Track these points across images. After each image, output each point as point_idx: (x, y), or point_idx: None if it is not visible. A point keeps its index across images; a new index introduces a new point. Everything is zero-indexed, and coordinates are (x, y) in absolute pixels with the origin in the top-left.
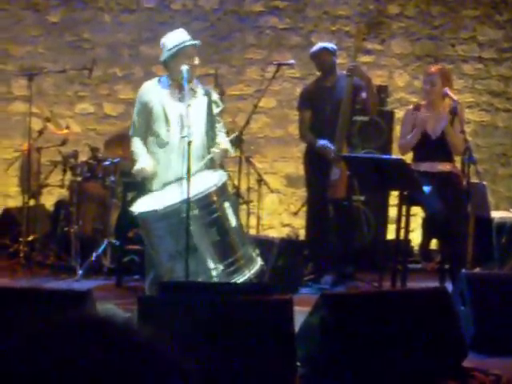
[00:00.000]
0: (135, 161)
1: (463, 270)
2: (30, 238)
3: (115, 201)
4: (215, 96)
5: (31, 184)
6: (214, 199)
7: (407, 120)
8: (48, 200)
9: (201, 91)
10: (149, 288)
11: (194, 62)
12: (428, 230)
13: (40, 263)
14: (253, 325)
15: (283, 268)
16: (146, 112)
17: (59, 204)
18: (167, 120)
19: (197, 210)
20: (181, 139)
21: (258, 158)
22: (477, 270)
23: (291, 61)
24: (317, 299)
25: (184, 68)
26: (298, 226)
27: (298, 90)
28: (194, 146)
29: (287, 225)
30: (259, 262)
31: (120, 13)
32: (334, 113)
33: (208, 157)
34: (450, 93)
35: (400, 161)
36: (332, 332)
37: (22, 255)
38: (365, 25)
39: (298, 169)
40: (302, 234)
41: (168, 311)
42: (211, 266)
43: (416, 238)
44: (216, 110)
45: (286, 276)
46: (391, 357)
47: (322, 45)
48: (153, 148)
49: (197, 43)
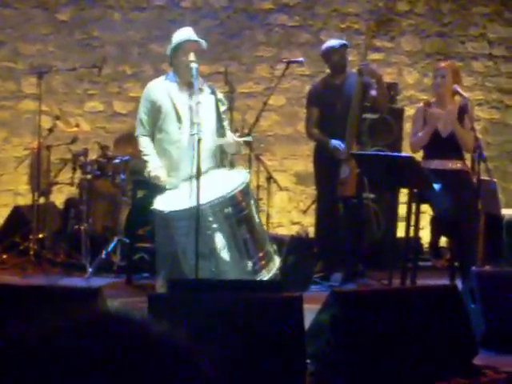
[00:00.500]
0: (146, 162)
1: (473, 268)
2: (40, 236)
3: (125, 199)
4: (220, 95)
5: (41, 182)
6: (242, 197)
7: (418, 117)
8: (58, 198)
9: (207, 89)
10: (160, 286)
11: (190, 58)
12: (437, 228)
13: (50, 261)
14: (262, 322)
15: (293, 266)
16: (155, 110)
17: (69, 202)
18: (179, 117)
19: (229, 209)
20: (190, 136)
21: (268, 156)
22: (487, 268)
23: (300, 58)
24: (326, 297)
25: (193, 66)
26: (308, 224)
27: (308, 88)
28: (205, 144)
29: (297, 223)
30: (278, 260)
31: (130, 11)
32: (344, 110)
33: (217, 153)
34: (460, 90)
35: (410, 158)
36: (342, 329)
37: (32, 253)
38: (374, 22)
39: (308, 166)
40: (312, 232)
41: (178, 309)
42: (239, 265)
43: (426, 236)
44: (222, 108)
45: (296, 274)
46: (401, 354)
47: (333, 42)
48: (164, 145)
49: (194, 39)
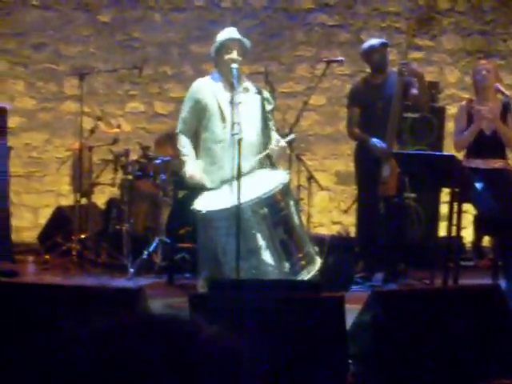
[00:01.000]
0: (183, 162)
1: None
2: (82, 237)
3: (166, 199)
4: (266, 94)
5: (83, 183)
6: (280, 198)
7: (462, 115)
8: (99, 198)
9: (253, 89)
10: (202, 286)
11: (232, 57)
12: (480, 227)
13: (92, 261)
14: (304, 323)
15: (334, 266)
16: (199, 109)
17: (111, 202)
18: (223, 117)
19: (265, 209)
20: (232, 136)
21: (308, 156)
22: None
23: (340, 58)
24: (368, 297)
25: (234, 66)
26: (348, 224)
27: (348, 87)
28: (249, 144)
29: (337, 222)
30: (319, 261)
31: (170, 11)
32: (385, 110)
33: (264, 153)
34: (502, 88)
35: (452, 157)
36: (384, 330)
37: (74, 253)
38: (415, 21)
39: (348, 166)
40: (353, 232)
41: (219, 309)
42: (277, 266)
43: (468, 235)
44: (268, 108)
45: (337, 274)
46: (444, 355)
47: (373, 41)
48: (208, 144)
49: (239, 39)
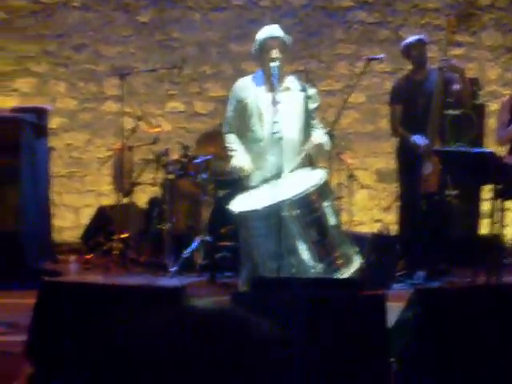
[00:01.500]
0: (231, 157)
1: None
2: (124, 236)
3: (206, 198)
4: (312, 91)
5: (124, 182)
6: (314, 198)
7: (504, 110)
8: (141, 198)
9: (297, 87)
10: (243, 285)
11: (272, 55)
12: None
13: (133, 260)
14: (345, 320)
15: (376, 263)
16: (241, 108)
17: (152, 202)
18: (261, 117)
19: (298, 210)
20: (272, 135)
21: (349, 154)
22: None
23: (381, 55)
24: (410, 295)
25: (273, 65)
26: (389, 222)
27: (388, 85)
28: (290, 143)
29: (378, 220)
30: (358, 261)
31: (209, 11)
32: (426, 107)
33: (302, 152)
34: None
35: (492, 154)
36: (427, 328)
37: (116, 253)
38: (455, 17)
39: (389, 164)
40: (394, 230)
41: (262, 307)
42: (311, 266)
43: (510, 233)
44: (312, 106)
45: (379, 271)
46: (487, 355)
47: (411, 38)
48: (249, 144)
49: (280, 37)
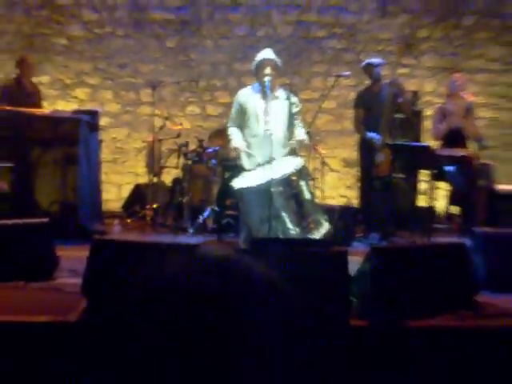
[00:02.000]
0: (230, 140)
1: (476, 229)
2: (154, 206)
3: (216, 178)
4: (294, 99)
5: (154, 166)
6: (294, 179)
7: (438, 115)
8: (167, 178)
9: (284, 96)
10: (242, 243)
11: (266, 72)
12: (452, 199)
13: (161, 224)
14: (318, 270)
15: (341, 227)
16: (242, 110)
17: (175, 181)
18: (257, 118)
19: (282, 187)
20: (264, 132)
21: (322, 146)
22: (487, 229)
23: (347, 73)
24: (367, 251)
25: (266, 79)
26: (352, 197)
27: (352, 95)
28: (277, 137)
29: (344, 196)
30: (326, 226)
31: (219, 39)
32: (380, 111)
33: (287, 145)
34: (467, 95)
35: (427, 147)
36: (380, 275)
37: (149, 218)
38: (402, 45)
39: (352, 154)
40: (355, 203)
41: (257, 260)
42: (292, 229)
43: (440, 205)
44: (295, 110)
45: (343, 233)
46: (424, 293)
47: (371, 61)
48: (247, 138)
49: (273, 59)
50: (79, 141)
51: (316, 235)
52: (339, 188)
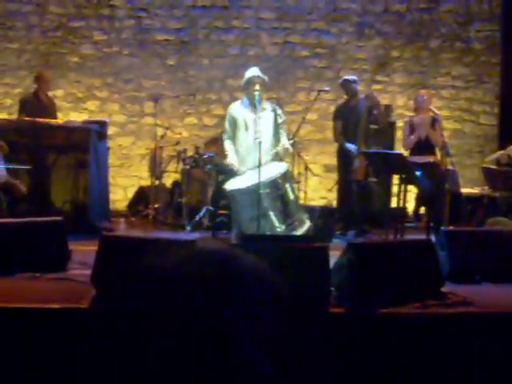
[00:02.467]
0: (226, 155)
1: (442, 227)
2: (156, 206)
3: (211, 181)
4: (280, 111)
5: (156, 170)
6: (279, 181)
7: (407, 126)
8: (167, 181)
9: (269, 108)
10: (234, 239)
11: (255, 88)
12: (419, 201)
13: (162, 222)
14: (301, 263)
15: (322, 226)
16: (233, 122)
17: (175, 183)
18: (247, 128)
19: (268, 189)
20: (253, 140)
21: (305, 153)
22: (451, 227)
23: (327, 88)
24: (345, 247)
25: (255, 94)
26: (332, 198)
27: (332, 108)
28: (265, 145)
29: (324, 197)
30: (308, 224)
31: (214, 57)
32: (356, 123)
33: (273, 152)
34: (433, 108)
35: (399, 154)
36: (355, 267)
37: (151, 217)
38: (376, 64)
39: (332, 160)
40: (334, 204)
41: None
42: (278, 226)
43: (410, 206)
44: (280, 121)
45: (323, 231)
46: (395, 284)
47: (348, 77)
48: (238, 146)
49: (260, 76)
50: (89, 148)
51: (299, 232)
52: (320, 190)
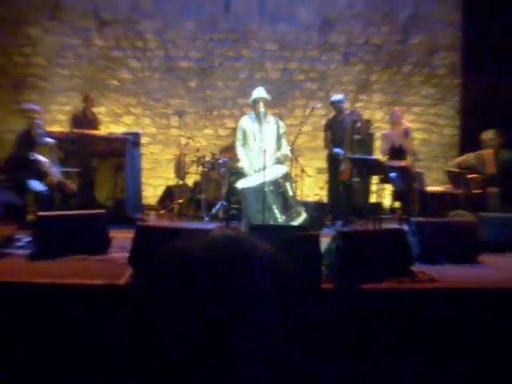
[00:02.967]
0: (238, 160)
1: (412, 218)
2: (180, 201)
3: (225, 181)
4: (281, 123)
5: (181, 172)
6: (281, 181)
7: (384, 137)
8: (189, 181)
9: (273, 121)
10: (244, 228)
11: (260, 105)
12: (394, 197)
13: (185, 215)
14: (297, 248)
15: (315, 217)
16: (244, 133)
17: (196, 183)
18: (254, 137)
19: (272, 187)
20: (259, 148)
21: (302, 158)
22: (419, 218)
23: (319, 105)
24: (334, 234)
25: (261, 110)
26: (323, 195)
27: (323, 121)
28: (268, 151)
29: (317, 194)
30: (304, 215)
31: (227, 80)
32: (343, 134)
33: (275, 157)
34: (405, 122)
35: (377, 159)
36: (343, 251)
37: (176, 210)
38: (359, 86)
39: (323, 164)
40: (325, 199)
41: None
42: (279, 217)
43: (386, 202)
44: (281, 131)
45: (316, 221)
46: (375, 264)
47: (336, 97)
48: (247, 152)
49: (264, 96)
50: (126, 154)
51: (297, 222)
52: (313, 189)
